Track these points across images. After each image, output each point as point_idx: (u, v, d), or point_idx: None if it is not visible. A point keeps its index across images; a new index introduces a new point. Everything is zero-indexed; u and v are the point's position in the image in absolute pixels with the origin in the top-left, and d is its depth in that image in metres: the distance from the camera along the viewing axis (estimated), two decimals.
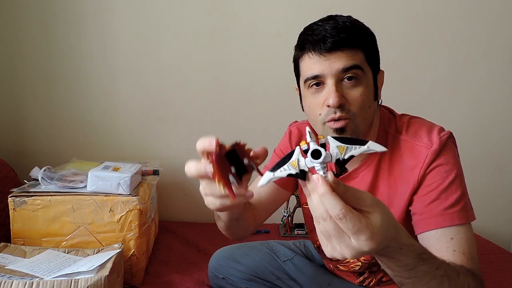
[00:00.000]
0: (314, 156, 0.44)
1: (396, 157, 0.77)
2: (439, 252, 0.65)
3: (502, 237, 1.79)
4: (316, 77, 0.73)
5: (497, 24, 1.71)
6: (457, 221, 0.70)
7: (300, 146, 0.46)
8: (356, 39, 0.72)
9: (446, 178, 0.72)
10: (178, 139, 1.74)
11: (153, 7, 1.63)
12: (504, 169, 1.85)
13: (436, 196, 0.71)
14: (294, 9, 1.66)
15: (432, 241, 0.70)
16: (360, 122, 0.73)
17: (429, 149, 0.73)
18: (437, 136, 0.74)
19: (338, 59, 0.70)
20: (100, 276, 0.91)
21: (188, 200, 1.78)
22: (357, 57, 0.71)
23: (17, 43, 1.62)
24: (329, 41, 0.70)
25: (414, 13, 1.69)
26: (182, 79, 1.70)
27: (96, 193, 1.17)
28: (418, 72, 1.72)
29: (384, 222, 0.45)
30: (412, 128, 0.78)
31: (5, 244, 1.11)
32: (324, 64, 0.71)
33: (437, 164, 0.73)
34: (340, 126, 0.71)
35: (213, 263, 1.11)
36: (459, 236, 0.69)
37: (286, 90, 1.71)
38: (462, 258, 0.67)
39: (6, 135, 1.68)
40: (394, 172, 0.77)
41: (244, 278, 1.06)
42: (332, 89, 0.71)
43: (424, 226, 0.71)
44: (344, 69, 0.71)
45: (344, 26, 0.72)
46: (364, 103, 0.72)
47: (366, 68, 0.73)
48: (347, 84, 0.72)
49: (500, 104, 1.79)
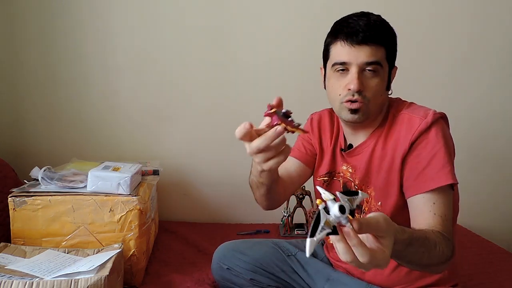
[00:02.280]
0: (340, 211, 0.50)
1: (394, 129, 0.89)
2: (422, 214, 0.80)
3: (502, 237, 1.79)
4: (344, 64, 0.86)
5: (498, 24, 1.72)
6: (441, 183, 0.80)
7: (318, 206, 0.52)
8: (383, 37, 0.85)
9: (434, 147, 0.82)
10: (178, 139, 1.74)
11: (153, 7, 1.63)
12: (504, 169, 1.85)
13: (425, 164, 0.82)
14: (294, 9, 1.66)
15: (418, 205, 0.82)
16: (372, 107, 0.87)
17: (423, 119, 0.84)
18: (433, 112, 0.85)
19: (365, 52, 0.83)
20: (100, 276, 0.91)
21: (188, 200, 1.79)
22: (379, 53, 0.84)
23: (16, 43, 1.62)
24: (361, 35, 0.83)
25: (414, 13, 1.69)
26: (182, 79, 1.70)
27: (96, 193, 1.17)
28: (418, 72, 1.72)
29: (392, 242, 0.55)
30: (412, 106, 0.91)
31: (5, 244, 1.11)
32: (352, 54, 0.84)
33: (427, 134, 0.83)
34: (355, 107, 0.86)
35: (219, 254, 1.12)
36: (439, 201, 0.80)
37: (287, 90, 1.72)
38: (439, 220, 0.78)
39: (6, 135, 1.68)
40: (390, 141, 0.89)
41: (248, 269, 1.07)
42: (355, 76, 0.84)
43: (412, 191, 0.83)
44: (367, 62, 0.84)
45: (374, 24, 0.84)
46: (378, 92, 0.86)
47: (384, 64, 0.86)
48: (368, 74, 0.85)
49: (501, 104, 1.79)
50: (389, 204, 0.88)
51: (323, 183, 1.04)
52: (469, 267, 1.37)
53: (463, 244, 1.54)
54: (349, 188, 0.97)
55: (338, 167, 1.01)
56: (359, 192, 0.54)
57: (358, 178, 0.94)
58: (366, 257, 0.50)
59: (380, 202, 0.89)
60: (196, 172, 1.77)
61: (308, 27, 1.63)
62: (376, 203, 0.90)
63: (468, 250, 1.49)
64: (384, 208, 0.89)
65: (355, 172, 0.96)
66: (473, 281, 1.29)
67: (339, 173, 1.00)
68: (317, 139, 1.06)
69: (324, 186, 1.03)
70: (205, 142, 1.75)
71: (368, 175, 0.92)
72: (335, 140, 1.02)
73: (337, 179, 1.01)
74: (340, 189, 0.99)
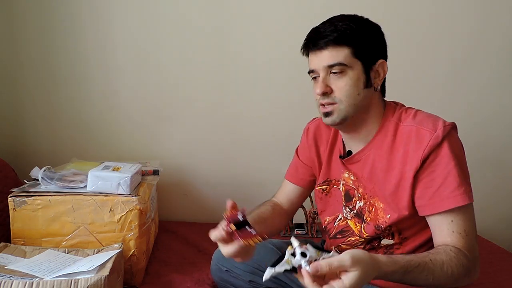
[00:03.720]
0: (302, 255, 0.63)
1: (401, 140, 0.86)
2: (441, 232, 0.80)
3: (502, 237, 1.79)
4: (313, 71, 0.90)
5: (498, 23, 1.72)
6: (457, 204, 0.78)
7: (288, 250, 0.65)
8: (343, 37, 0.84)
9: (448, 165, 0.80)
10: (178, 139, 1.74)
11: (153, 7, 1.63)
12: (504, 169, 1.85)
13: (439, 183, 0.80)
14: (294, 9, 1.66)
15: (436, 223, 0.81)
16: (347, 107, 0.86)
17: (433, 133, 0.81)
18: (442, 124, 0.82)
19: (324, 56, 0.86)
20: (100, 276, 0.91)
21: (188, 200, 1.79)
22: (341, 54, 0.84)
23: (16, 43, 1.62)
24: (319, 42, 0.86)
25: (414, 12, 1.69)
26: (182, 79, 1.70)
27: (96, 193, 1.17)
28: (418, 72, 1.72)
29: (358, 278, 0.60)
30: (418, 117, 0.87)
31: (5, 244, 1.11)
32: (316, 60, 0.88)
33: (440, 151, 0.80)
34: (326, 111, 0.88)
35: (218, 255, 1.12)
36: (458, 217, 0.79)
37: (286, 90, 1.72)
38: (458, 237, 0.78)
39: (6, 135, 1.68)
40: (398, 154, 0.85)
41: (248, 270, 1.07)
42: (320, 80, 0.87)
43: (428, 211, 0.82)
44: (329, 66, 0.85)
45: (335, 28, 0.85)
46: (349, 91, 0.85)
47: (352, 62, 0.85)
48: (334, 76, 0.86)
49: (501, 104, 1.79)
50: (398, 218, 0.86)
51: (321, 191, 1.03)
52: None
53: None
54: (352, 196, 0.95)
55: (337, 175, 0.99)
56: (332, 252, 0.63)
57: (362, 187, 0.93)
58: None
59: (390, 215, 0.87)
60: (196, 172, 1.77)
61: (309, 26, 1.63)
62: (385, 216, 0.88)
63: None
64: (393, 221, 0.86)
65: (357, 180, 0.94)
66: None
67: (338, 181, 0.99)
68: (314, 152, 1.05)
69: (322, 195, 1.03)
70: (205, 142, 1.75)
71: (373, 185, 0.90)
72: (331, 147, 1.01)
73: (337, 187, 0.99)
74: (340, 198, 0.98)
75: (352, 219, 0.96)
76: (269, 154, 1.76)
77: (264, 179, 1.77)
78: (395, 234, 0.90)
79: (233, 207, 0.76)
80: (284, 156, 1.62)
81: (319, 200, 1.05)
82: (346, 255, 0.61)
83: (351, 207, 0.96)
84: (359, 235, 0.94)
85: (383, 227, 0.88)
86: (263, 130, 1.75)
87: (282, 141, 1.71)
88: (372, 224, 0.90)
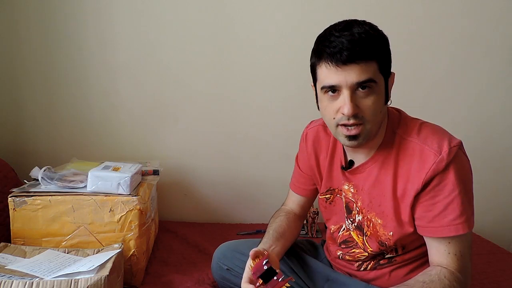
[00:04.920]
0: None
1: (404, 156, 0.82)
2: (437, 253, 0.80)
3: (502, 237, 1.79)
4: (333, 87, 0.78)
5: (498, 23, 1.71)
6: (457, 233, 0.79)
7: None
8: (371, 50, 0.75)
9: (452, 192, 0.77)
10: (178, 139, 1.74)
11: (153, 6, 1.63)
12: (504, 169, 1.85)
13: (440, 209, 0.78)
14: (295, 10, 1.66)
15: (433, 244, 0.82)
16: (372, 126, 0.80)
17: (438, 156, 0.77)
18: (447, 145, 0.78)
19: (354, 71, 0.75)
20: (100, 276, 0.91)
21: (188, 200, 1.79)
22: (370, 70, 0.76)
23: (16, 43, 1.62)
24: (345, 54, 0.74)
25: (414, 12, 1.69)
26: (182, 79, 1.70)
27: (96, 193, 1.17)
28: (418, 72, 1.72)
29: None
30: (423, 132, 0.82)
31: (5, 244, 1.11)
32: (341, 75, 0.76)
33: (444, 176, 0.77)
34: (354, 134, 0.79)
35: (218, 254, 1.11)
36: (454, 240, 0.80)
37: (287, 90, 1.72)
38: (453, 258, 0.79)
39: (6, 135, 1.68)
40: (401, 170, 0.83)
41: None
42: (347, 100, 0.76)
43: (426, 233, 0.82)
44: (358, 83, 0.75)
45: (360, 38, 0.75)
46: (376, 110, 0.79)
47: (378, 78, 0.78)
48: (361, 93, 0.77)
49: (501, 104, 1.79)
50: (403, 235, 0.85)
51: (325, 201, 1.02)
52: None
53: None
54: (351, 209, 0.94)
55: (339, 184, 0.97)
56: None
57: (361, 200, 0.90)
58: None
59: (392, 232, 0.85)
60: (196, 172, 1.77)
61: (310, 26, 1.62)
62: (387, 233, 0.86)
63: None
64: (397, 238, 0.86)
65: (357, 193, 0.91)
66: (473, 281, 1.29)
67: (341, 190, 0.96)
68: (314, 160, 1.02)
69: (327, 204, 1.02)
70: (206, 142, 1.75)
71: (372, 200, 0.88)
72: (331, 156, 0.98)
73: (340, 196, 0.97)
74: (342, 208, 0.96)
75: (354, 231, 0.95)
76: (269, 154, 1.76)
77: (264, 179, 1.77)
78: (399, 249, 0.90)
79: (256, 256, 0.78)
80: (284, 156, 1.62)
81: (323, 209, 1.04)
82: None
83: (352, 220, 0.95)
84: (363, 248, 0.93)
85: (387, 244, 0.88)
86: (263, 130, 1.75)
87: (282, 141, 1.71)
88: (375, 240, 0.89)
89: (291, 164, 1.17)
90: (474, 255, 1.46)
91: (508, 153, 1.83)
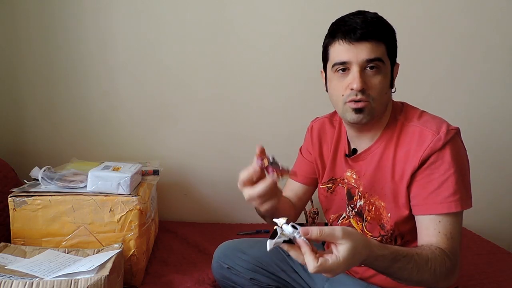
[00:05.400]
0: (293, 227, 0.64)
1: (404, 140, 0.86)
2: (427, 232, 0.81)
3: (502, 237, 1.79)
4: (344, 63, 0.84)
5: (498, 23, 1.72)
6: (449, 210, 0.80)
7: (277, 227, 0.65)
8: (381, 33, 0.83)
9: (448, 171, 0.80)
10: (178, 139, 1.74)
11: (153, 7, 1.63)
12: (504, 169, 1.85)
13: (435, 187, 0.81)
14: (295, 10, 1.66)
15: (424, 223, 0.82)
16: (377, 105, 0.85)
17: (436, 135, 0.81)
18: (446, 127, 0.82)
19: (365, 49, 0.81)
20: (100, 276, 0.91)
21: (188, 200, 1.79)
22: (380, 50, 0.82)
23: (16, 43, 1.63)
24: (359, 32, 0.81)
25: (414, 12, 1.69)
26: (182, 79, 1.70)
27: (96, 193, 1.17)
28: (418, 72, 1.72)
29: (350, 251, 0.61)
30: (424, 117, 0.87)
31: (5, 244, 1.11)
32: (352, 52, 0.82)
33: (441, 154, 0.80)
34: (360, 107, 0.83)
35: (219, 253, 1.12)
36: (445, 219, 0.80)
37: (287, 90, 1.72)
38: (443, 238, 0.79)
39: (6, 135, 1.68)
40: (400, 153, 0.86)
41: (249, 268, 1.07)
42: (356, 75, 0.82)
43: (420, 211, 0.83)
44: (368, 60, 0.82)
45: (372, 21, 0.83)
46: (382, 90, 0.84)
47: (386, 60, 0.84)
48: (370, 72, 0.83)
49: (500, 104, 1.79)
50: (399, 217, 0.87)
51: (327, 190, 1.03)
52: (469, 267, 1.36)
53: (463, 244, 1.53)
54: (353, 195, 0.96)
55: (341, 173, 0.99)
56: (299, 227, 0.64)
57: (363, 186, 0.93)
58: (314, 263, 0.60)
59: (390, 214, 0.88)
60: (196, 172, 1.77)
61: (310, 26, 1.63)
62: (387, 215, 0.89)
63: (468, 250, 1.49)
64: (393, 220, 0.88)
65: (359, 178, 0.94)
66: (473, 281, 1.29)
67: (343, 179, 0.98)
68: (317, 151, 1.05)
69: (328, 193, 1.03)
70: (206, 142, 1.75)
71: (374, 183, 0.90)
72: (335, 146, 1.01)
73: (342, 185, 0.99)
74: (344, 196, 0.98)
75: (354, 218, 0.97)
76: (269, 154, 1.76)
77: None
78: (398, 238, 0.90)
79: (262, 152, 0.76)
80: (285, 156, 1.61)
81: (324, 199, 1.06)
82: (337, 227, 0.62)
83: (353, 206, 0.97)
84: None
85: (387, 227, 0.89)
86: (264, 130, 1.75)
87: (282, 141, 1.71)
88: (376, 223, 0.91)
89: (291, 164, 1.18)
90: (474, 255, 1.47)
91: (508, 152, 1.83)
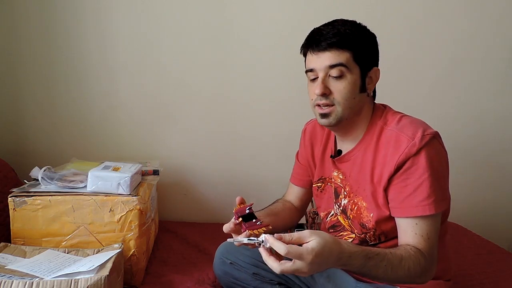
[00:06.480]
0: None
1: (382, 144, 0.90)
2: (405, 233, 0.85)
3: (502, 237, 1.79)
4: (312, 70, 0.91)
5: (498, 23, 1.71)
6: (423, 213, 0.83)
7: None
8: (345, 41, 0.87)
9: (422, 176, 0.83)
10: (178, 139, 1.74)
11: (153, 7, 1.63)
12: (504, 169, 1.85)
13: (410, 191, 0.84)
14: (295, 10, 1.66)
15: (401, 225, 0.86)
16: (344, 109, 0.89)
17: (411, 141, 0.84)
18: (421, 133, 0.85)
19: (327, 57, 0.88)
20: (100, 276, 0.91)
21: (188, 200, 1.79)
22: (343, 57, 0.87)
23: (16, 43, 1.62)
24: (322, 44, 0.88)
25: (414, 12, 1.69)
26: (181, 80, 1.70)
27: (96, 193, 1.17)
28: (418, 72, 1.72)
29: (319, 244, 0.66)
30: (402, 122, 0.90)
31: (5, 244, 1.11)
32: (317, 60, 0.89)
33: (416, 160, 0.83)
34: (324, 112, 0.90)
35: (222, 249, 1.14)
36: (422, 222, 0.84)
37: (287, 90, 1.72)
38: (420, 239, 0.83)
39: (6, 135, 1.68)
40: (379, 157, 0.90)
41: (252, 263, 1.09)
42: (319, 81, 0.89)
43: (397, 213, 0.87)
44: (330, 66, 0.87)
45: (338, 32, 0.88)
46: (347, 94, 0.88)
47: (352, 66, 0.88)
48: (333, 78, 0.88)
49: (501, 104, 1.79)
50: (380, 217, 0.90)
51: (317, 189, 1.09)
52: (469, 267, 1.37)
53: (463, 244, 1.54)
54: (339, 194, 1.00)
55: (329, 173, 1.04)
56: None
57: (349, 186, 0.97)
58: (283, 250, 0.65)
59: (372, 213, 0.91)
60: (196, 172, 1.77)
61: (310, 26, 1.62)
62: (369, 214, 0.92)
63: (468, 250, 1.49)
64: (374, 219, 0.91)
65: (345, 179, 0.99)
66: (473, 281, 1.29)
67: (331, 178, 1.03)
68: (309, 152, 1.11)
69: (318, 192, 1.09)
70: (205, 142, 1.75)
71: (358, 184, 0.95)
72: (324, 147, 1.06)
73: (330, 184, 1.04)
74: (332, 195, 1.03)
75: (341, 215, 1.01)
76: (269, 154, 1.76)
77: (264, 179, 1.77)
78: (381, 236, 0.93)
79: (241, 202, 0.84)
80: (284, 156, 1.62)
81: (315, 197, 1.12)
82: (306, 230, 0.68)
83: (339, 204, 1.01)
84: (350, 230, 0.99)
85: (368, 226, 0.93)
86: (264, 130, 1.75)
87: (282, 141, 1.71)
88: (357, 222, 0.95)
89: (291, 164, 1.19)
90: (474, 255, 1.47)
91: (508, 153, 1.83)
